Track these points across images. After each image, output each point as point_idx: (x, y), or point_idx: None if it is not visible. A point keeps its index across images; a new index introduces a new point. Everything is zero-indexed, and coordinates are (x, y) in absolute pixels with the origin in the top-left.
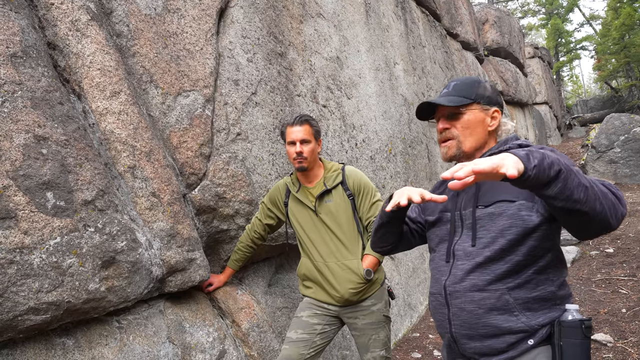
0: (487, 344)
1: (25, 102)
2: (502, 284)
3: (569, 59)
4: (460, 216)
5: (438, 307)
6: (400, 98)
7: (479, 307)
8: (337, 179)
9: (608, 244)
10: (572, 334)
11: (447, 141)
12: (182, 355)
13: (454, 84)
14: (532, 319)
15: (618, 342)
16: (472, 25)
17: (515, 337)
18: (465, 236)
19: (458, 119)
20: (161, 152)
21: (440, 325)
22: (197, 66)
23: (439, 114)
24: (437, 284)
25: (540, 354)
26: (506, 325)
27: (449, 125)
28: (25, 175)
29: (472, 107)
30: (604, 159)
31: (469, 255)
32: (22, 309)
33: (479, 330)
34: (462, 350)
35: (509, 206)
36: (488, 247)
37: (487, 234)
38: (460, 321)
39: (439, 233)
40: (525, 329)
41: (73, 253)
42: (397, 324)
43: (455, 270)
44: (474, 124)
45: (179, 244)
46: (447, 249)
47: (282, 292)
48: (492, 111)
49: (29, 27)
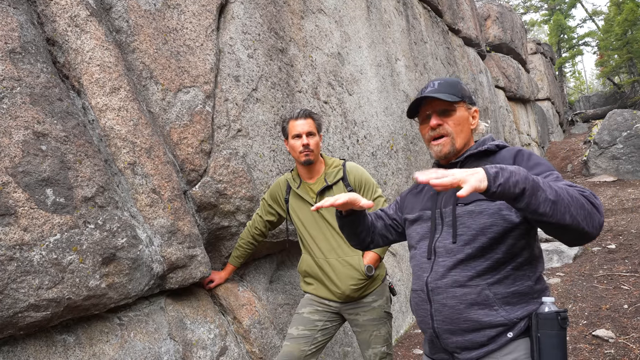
0: (468, 338)
1: (24, 98)
2: (482, 280)
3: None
4: (441, 214)
5: (420, 303)
6: (402, 94)
7: (461, 303)
8: (338, 175)
9: (610, 240)
10: (549, 325)
11: (441, 138)
12: (184, 351)
13: (439, 82)
14: (511, 313)
15: (620, 338)
16: (474, 21)
17: (495, 330)
18: (446, 233)
19: (450, 115)
20: (161, 148)
21: (423, 321)
22: (197, 62)
23: (429, 111)
24: (418, 281)
25: (519, 345)
26: (486, 319)
27: (442, 122)
28: (25, 171)
29: (460, 105)
30: (606, 155)
31: (450, 252)
32: (23, 306)
33: (460, 325)
34: (444, 345)
35: (490, 205)
36: (469, 244)
37: (467, 231)
38: (442, 317)
39: (419, 230)
40: (504, 322)
41: (73, 250)
42: (398, 320)
43: (436, 267)
44: (463, 121)
45: (179, 241)
46: (428, 246)
47: (283, 288)
48: (473, 110)
49: (27, 22)
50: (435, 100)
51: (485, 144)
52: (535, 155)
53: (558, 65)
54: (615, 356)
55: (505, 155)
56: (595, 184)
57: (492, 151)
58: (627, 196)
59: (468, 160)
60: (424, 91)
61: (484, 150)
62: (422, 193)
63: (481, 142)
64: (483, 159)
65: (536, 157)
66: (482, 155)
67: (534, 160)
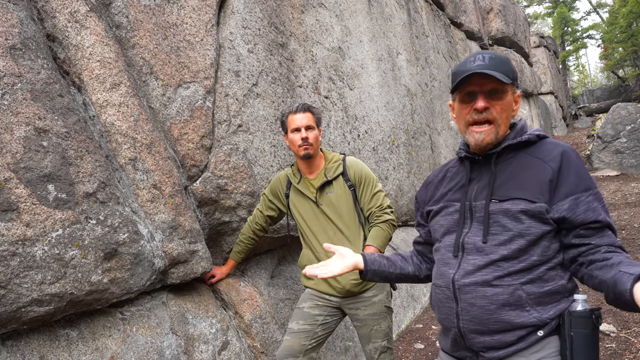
0: (496, 338)
1: (25, 94)
2: (514, 280)
3: (575, 48)
4: (471, 207)
5: (444, 300)
6: (403, 89)
7: (492, 303)
8: (338, 170)
9: None
10: (583, 324)
11: (485, 124)
12: (185, 346)
13: (489, 56)
14: (543, 313)
15: (621, 332)
16: (477, 14)
17: (525, 330)
18: (476, 229)
19: (500, 98)
20: (162, 144)
21: (446, 319)
22: (197, 57)
23: (475, 89)
24: (443, 277)
25: (548, 343)
26: (518, 320)
27: (489, 105)
28: (27, 167)
29: (509, 88)
30: (610, 149)
31: (482, 251)
32: (26, 301)
33: (490, 326)
34: (469, 344)
35: (529, 206)
36: (505, 246)
37: (502, 230)
38: (470, 316)
39: (444, 223)
40: (536, 323)
41: (75, 245)
42: (400, 315)
43: (465, 265)
44: (509, 107)
45: (180, 236)
46: (455, 242)
47: (284, 283)
48: (517, 95)
49: (27, 18)
50: (485, 78)
51: (523, 132)
52: (580, 160)
53: (562, 58)
54: (616, 350)
55: (551, 150)
56: (598, 179)
57: (532, 142)
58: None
59: (505, 151)
60: (469, 64)
61: (525, 140)
62: (445, 181)
63: (519, 131)
64: (522, 150)
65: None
66: (521, 146)
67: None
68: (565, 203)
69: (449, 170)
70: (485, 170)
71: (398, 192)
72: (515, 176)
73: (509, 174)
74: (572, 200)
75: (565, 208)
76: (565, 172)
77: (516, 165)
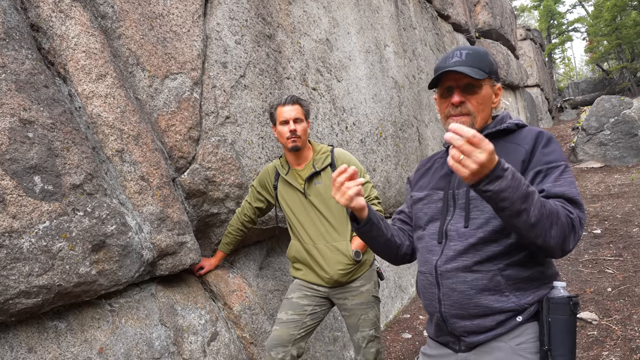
0: (476, 322)
1: (9, 85)
2: (493, 265)
3: (561, 40)
4: (454, 195)
5: (428, 286)
6: (391, 81)
7: (471, 288)
8: (326, 161)
9: (596, 225)
10: (561, 310)
11: (461, 116)
12: (175, 337)
13: (466, 52)
14: (521, 298)
15: (603, 319)
16: (464, 6)
17: (504, 315)
18: (458, 216)
19: (475, 93)
20: (149, 135)
21: (430, 304)
22: (184, 48)
23: (451, 84)
24: (427, 264)
25: (527, 329)
26: (497, 305)
27: (465, 99)
28: (12, 159)
29: (486, 82)
30: (594, 141)
31: (462, 235)
32: (13, 293)
33: (469, 310)
34: (451, 329)
35: None
36: (481, 228)
37: (480, 214)
38: (451, 301)
39: (427, 211)
40: (515, 308)
41: (63, 237)
42: (387, 305)
43: (447, 251)
44: (486, 100)
45: (169, 228)
46: (439, 229)
47: (273, 275)
48: (497, 87)
49: (10, 8)
50: (461, 73)
51: (504, 121)
52: (555, 141)
53: (548, 51)
54: (598, 337)
55: (526, 135)
56: (582, 170)
57: (511, 130)
58: (614, 182)
59: None
60: (448, 60)
61: (503, 129)
62: (431, 170)
63: (499, 120)
64: (501, 138)
65: (554, 144)
66: (500, 134)
67: (551, 147)
68: (528, 177)
69: (437, 161)
70: None
71: (386, 183)
72: None
73: None
74: (533, 173)
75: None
76: (535, 150)
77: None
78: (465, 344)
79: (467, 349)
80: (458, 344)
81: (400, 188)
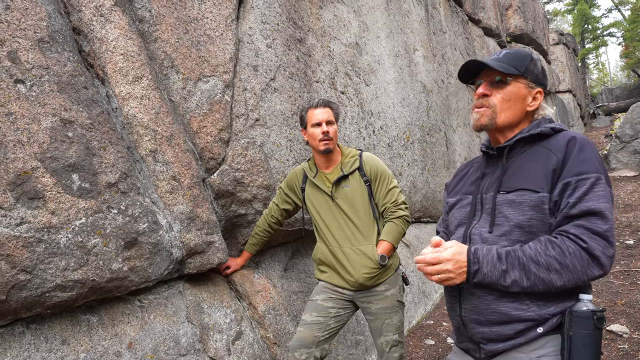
0: (494, 329)
1: (52, 86)
2: None
3: (595, 45)
4: (481, 200)
5: (450, 290)
6: (419, 85)
7: (489, 293)
8: (354, 165)
9: (628, 235)
10: (583, 324)
11: (482, 108)
12: (201, 334)
13: (506, 52)
14: (543, 309)
15: (634, 333)
16: (495, 10)
17: (524, 324)
18: (484, 221)
19: (501, 88)
20: (182, 136)
21: (451, 307)
22: (217, 52)
23: (482, 79)
24: None
25: (549, 342)
26: (515, 313)
27: (489, 92)
28: (52, 157)
29: (519, 80)
30: (628, 149)
31: (485, 241)
32: (50, 286)
33: (487, 316)
34: (470, 334)
35: (532, 196)
36: (505, 237)
37: (504, 221)
38: (470, 305)
39: (457, 215)
40: (535, 317)
41: (97, 233)
42: (411, 311)
43: None
44: (515, 97)
45: (198, 227)
46: (464, 233)
47: (297, 276)
48: (536, 91)
49: (55, 12)
50: (492, 69)
51: (539, 126)
52: (589, 147)
53: (581, 56)
54: (628, 351)
55: (559, 141)
56: (615, 179)
57: (546, 134)
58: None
59: (519, 144)
60: (487, 58)
61: (537, 133)
62: (467, 176)
63: (535, 124)
64: (536, 142)
65: (588, 151)
66: (535, 138)
67: (584, 155)
68: (556, 189)
69: (473, 165)
70: (499, 163)
71: (412, 188)
72: (524, 168)
73: (519, 166)
74: (562, 186)
75: (556, 194)
76: (567, 159)
77: (526, 158)
78: (485, 352)
79: (487, 357)
80: (478, 352)
81: (427, 193)
